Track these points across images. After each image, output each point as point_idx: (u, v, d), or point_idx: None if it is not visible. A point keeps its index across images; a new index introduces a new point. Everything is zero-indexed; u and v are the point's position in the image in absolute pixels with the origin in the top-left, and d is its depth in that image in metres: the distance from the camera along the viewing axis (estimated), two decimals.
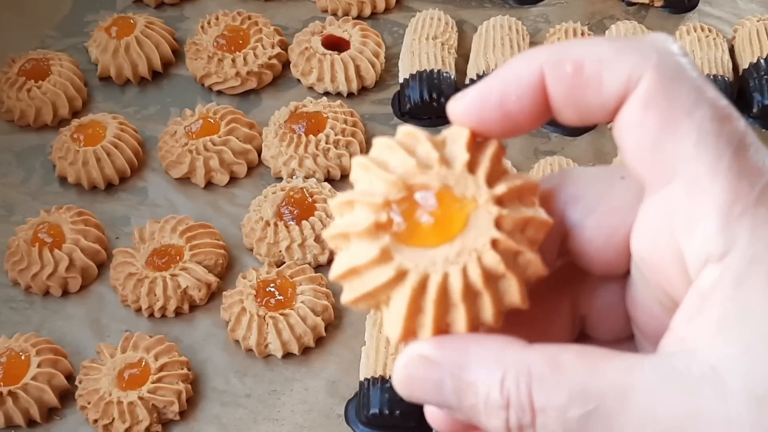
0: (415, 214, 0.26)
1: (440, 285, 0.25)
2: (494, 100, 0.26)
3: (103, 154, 0.76)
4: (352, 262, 0.26)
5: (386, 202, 0.26)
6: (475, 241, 0.26)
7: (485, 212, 0.26)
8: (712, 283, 0.24)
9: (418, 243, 0.26)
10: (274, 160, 0.76)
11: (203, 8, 0.88)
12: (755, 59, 0.79)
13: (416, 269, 0.26)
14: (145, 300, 0.68)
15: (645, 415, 0.23)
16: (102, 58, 0.83)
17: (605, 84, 0.25)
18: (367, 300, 0.26)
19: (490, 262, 0.26)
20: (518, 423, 0.24)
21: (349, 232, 0.26)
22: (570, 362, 0.24)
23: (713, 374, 0.23)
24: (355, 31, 0.83)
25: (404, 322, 0.26)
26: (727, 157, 0.24)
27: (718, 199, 0.24)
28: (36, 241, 0.70)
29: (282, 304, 0.67)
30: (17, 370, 0.65)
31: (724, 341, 0.23)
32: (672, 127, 0.24)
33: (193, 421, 0.65)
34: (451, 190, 0.26)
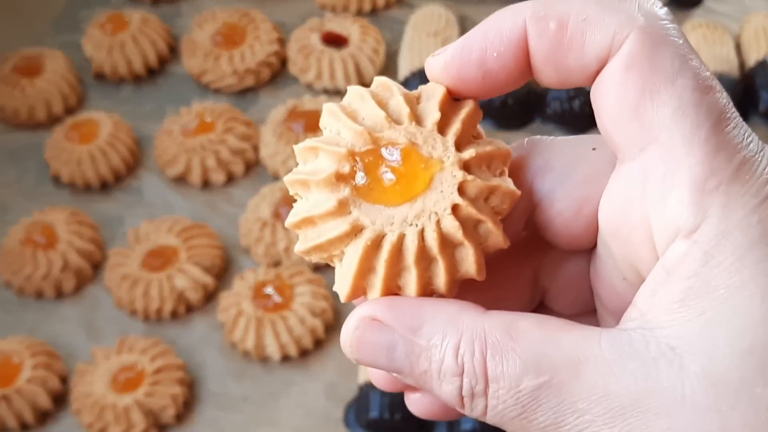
0: (378, 170, 0.25)
1: (394, 245, 0.25)
2: (474, 57, 0.26)
3: (98, 153, 0.75)
4: (308, 211, 0.25)
5: (350, 153, 0.25)
6: (435, 203, 0.25)
7: (450, 175, 0.25)
8: (679, 257, 0.23)
9: (378, 200, 0.25)
10: (271, 159, 0.75)
11: (200, 5, 0.88)
12: (762, 56, 0.78)
13: (372, 226, 0.25)
14: (141, 302, 0.68)
15: (597, 390, 0.23)
16: (97, 56, 0.82)
17: (588, 44, 0.24)
18: (319, 252, 0.26)
19: (449, 227, 0.25)
20: (471, 391, 0.24)
21: (309, 179, 0.26)
22: (527, 331, 0.24)
23: (671, 353, 0.22)
24: (354, 27, 0.82)
25: (354, 280, 0.25)
26: (705, 129, 0.23)
27: (693, 170, 0.23)
28: (29, 242, 0.70)
29: (280, 305, 0.66)
30: (10, 373, 0.64)
31: (685, 319, 0.23)
32: (652, 93, 0.24)
33: (190, 425, 0.64)
34: (418, 148, 0.25)
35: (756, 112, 0.78)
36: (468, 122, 0.26)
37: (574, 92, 0.77)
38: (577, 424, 0.23)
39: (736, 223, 0.23)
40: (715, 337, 0.22)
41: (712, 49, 0.79)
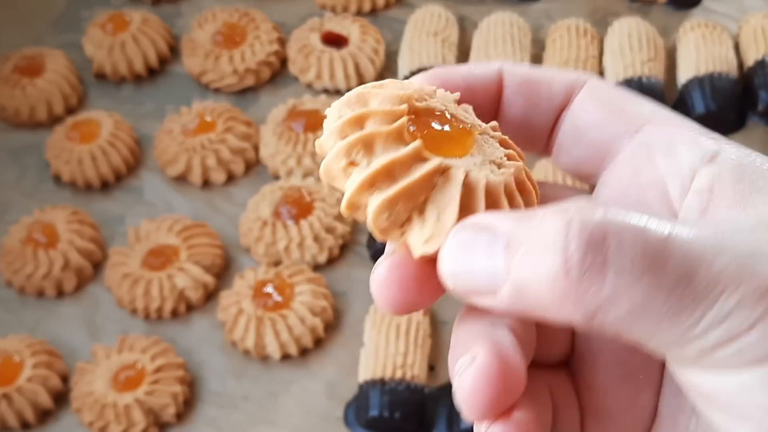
0: (428, 129, 0.25)
1: (487, 183, 0.24)
2: (462, 73, 0.28)
3: (99, 153, 0.75)
4: (386, 161, 0.24)
5: (409, 108, 0.25)
6: (492, 155, 0.25)
7: (488, 137, 0.26)
8: (714, 176, 0.24)
9: (443, 152, 0.25)
10: (271, 159, 0.76)
11: (200, 5, 0.88)
12: (760, 56, 0.78)
13: (458, 167, 0.24)
14: (141, 301, 0.68)
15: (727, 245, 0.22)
16: (97, 55, 0.82)
17: (554, 85, 0.28)
18: (404, 199, 0.24)
19: (515, 171, 0.25)
20: (587, 251, 0.22)
21: (375, 133, 0.24)
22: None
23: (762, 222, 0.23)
24: (354, 27, 0.82)
25: (458, 216, 0.24)
26: (682, 117, 0.26)
27: (692, 127, 0.26)
28: (30, 241, 0.70)
29: (280, 304, 0.66)
30: (11, 372, 0.64)
31: (754, 206, 0.23)
32: (627, 99, 0.27)
33: (190, 423, 0.64)
34: (454, 113, 0.26)
35: (755, 112, 0.78)
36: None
37: None
38: (707, 278, 0.22)
39: (748, 151, 0.25)
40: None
41: (710, 49, 0.79)
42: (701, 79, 0.77)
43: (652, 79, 0.77)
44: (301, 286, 0.67)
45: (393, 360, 0.62)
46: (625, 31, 0.80)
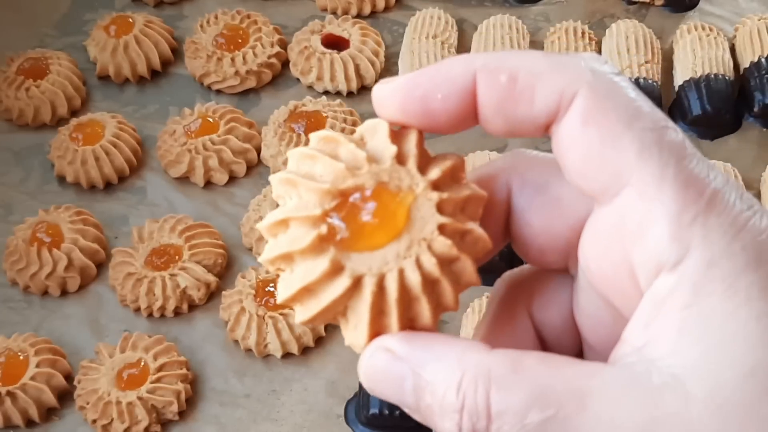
0: (356, 218, 0.25)
1: (399, 282, 0.25)
2: (419, 94, 0.26)
3: (102, 154, 0.75)
4: (302, 281, 0.25)
5: (324, 213, 0.25)
6: (422, 231, 0.25)
7: (425, 200, 0.26)
8: (669, 290, 0.24)
9: (366, 247, 0.25)
10: (273, 160, 0.76)
11: (202, 7, 0.88)
12: (756, 58, 0.79)
13: (370, 272, 0.25)
14: (144, 300, 0.68)
15: (604, 421, 0.23)
16: (101, 57, 0.82)
17: (538, 98, 0.25)
18: (324, 315, 0.26)
19: (442, 247, 0.25)
20: (472, 427, 0.24)
21: (292, 251, 0.25)
22: (531, 365, 0.24)
23: (674, 381, 0.23)
24: (354, 29, 0.83)
25: (369, 328, 0.25)
26: (672, 166, 0.24)
27: (667, 206, 0.24)
28: (34, 241, 0.70)
29: (281, 304, 0.66)
30: (16, 370, 0.65)
31: (685, 348, 0.23)
32: (613, 141, 0.24)
33: (192, 421, 0.64)
34: (386, 185, 0.26)
35: (750, 113, 0.79)
36: (420, 145, 0.27)
37: None
38: None
39: (720, 253, 0.23)
40: (716, 363, 0.23)
41: (707, 51, 0.79)
42: (698, 81, 0.77)
43: (649, 81, 0.78)
44: None
45: None
46: (623, 33, 0.81)
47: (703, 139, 0.78)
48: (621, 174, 0.24)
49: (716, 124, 0.78)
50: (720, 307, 0.23)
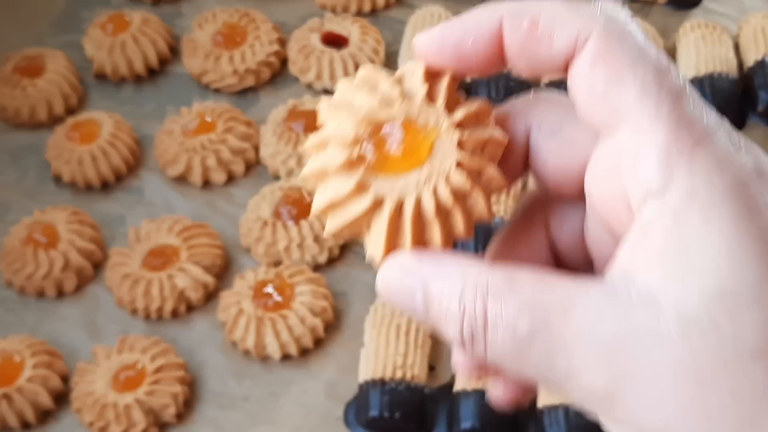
0: (384, 146, 0.29)
1: (414, 207, 0.29)
2: (452, 40, 0.30)
3: (99, 153, 0.75)
4: (331, 197, 0.29)
5: (357, 139, 0.29)
6: (441, 164, 0.29)
7: (447, 137, 0.29)
8: (653, 216, 0.27)
9: (391, 172, 0.29)
10: (272, 159, 0.76)
11: (200, 5, 0.88)
12: (760, 56, 0.79)
13: (391, 196, 0.29)
14: (141, 301, 0.68)
15: (585, 331, 0.26)
16: (98, 56, 0.82)
17: (556, 41, 0.28)
18: (350, 229, 0.29)
19: (458, 181, 0.29)
20: (471, 333, 0.28)
21: (326, 168, 0.29)
22: (525, 280, 0.27)
23: (650, 297, 0.26)
24: (354, 27, 0.83)
25: (386, 244, 0.29)
26: (666, 106, 0.27)
27: (658, 141, 0.27)
28: (30, 241, 0.70)
29: (280, 305, 0.67)
30: (11, 372, 0.64)
31: (663, 269, 0.26)
32: (617, 80, 0.27)
33: (190, 423, 0.64)
34: (414, 120, 0.29)
35: (755, 112, 0.78)
36: (451, 89, 0.30)
37: None
38: (567, 363, 0.27)
39: (700, 184, 0.26)
40: (687, 283, 0.26)
41: (710, 50, 0.79)
42: (701, 80, 0.77)
43: None
44: (301, 286, 0.67)
45: (393, 360, 0.62)
46: None
47: None
48: (621, 111, 0.27)
49: None
50: (696, 233, 0.26)
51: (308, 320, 0.66)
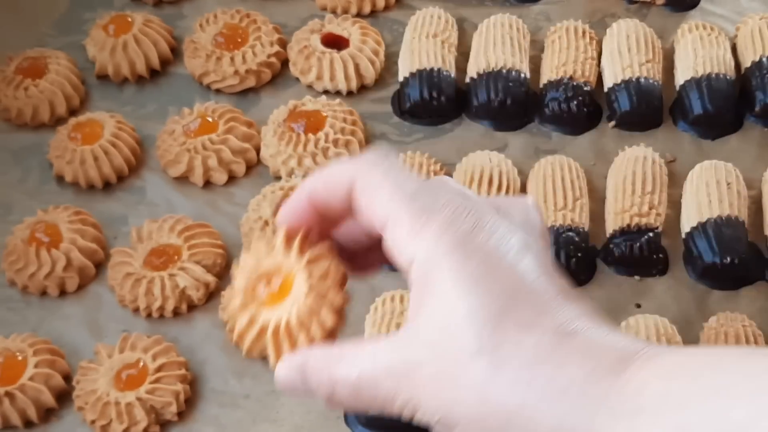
0: (265, 289, 0.44)
1: (285, 326, 0.42)
2: (301, 212, 0.45)
3: (101, 153, 0.75)
4: (237, 330, 0.44)
5: (246, 288, 0.44)
6: (298, 294, 0.43)
7: (300, 276, 0.43)
8: (412, 277, 0.41)
9: (270, 305, 0.43)
10: (272, 159, 0.76)
11: (202, 6, 0.88)
12: (757, 57, 0.79)
13: (270, 322, 0.43)
14: (143, 300, 0.68)
15: (383, 369, 0.41)
16: (99, 57, 0.82)
17: (373, 214, 0.43)
18: (254, 348, 0.44)
19: (305, 307, 0.42)
20: (330, 395, 0.42)
21: (233, 311, 0.44)
22: (347, 351, 0.42)
23: (414, 336, 0.41)
24: (354, 29, 0.83)
25: (275, 354, 0.43)
26: (405, 207, 0.41)
27: (404, 229, 0.41)
28: (33, 241, 0.70)
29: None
30: (14, 371, 0.65)
31: (417, 315, 0.41)
32: (376, 201, 0.42)
33: (192, 422, 0.64)
34: (280, 267, 0.44)
35: (752, 113, 0.79)
36: (303, 240, 0.43)
37: (572, 93, 0.77)
38: (384, 393, 0.41)
39: (432, 248, 0.40)
40: (431, 319, 0.40)
41: (708, 51, 0.79)
42: (699, 81, 0.77)
43: (650, 81, 0.78)
44: None
45: None
46: (624, 32, 0.81)
47: (704, 139, 0.78)
48: (383, 216, 0.42)
49: (717, 124, 0.78)
50: (432, 286, 0.40)
51: None
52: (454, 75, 0.80)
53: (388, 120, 0.80)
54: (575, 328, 0.41)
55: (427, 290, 0.41)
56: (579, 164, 0.75)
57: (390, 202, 0.42)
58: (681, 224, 0.72)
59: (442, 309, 0.40)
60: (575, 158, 0.75)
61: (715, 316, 0.67)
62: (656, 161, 0.73)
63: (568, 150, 0.77)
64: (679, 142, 0.78)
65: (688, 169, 0.75)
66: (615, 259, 0.70)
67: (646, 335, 0.64)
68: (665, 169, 0.74)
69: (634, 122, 0.78)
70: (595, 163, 0.77)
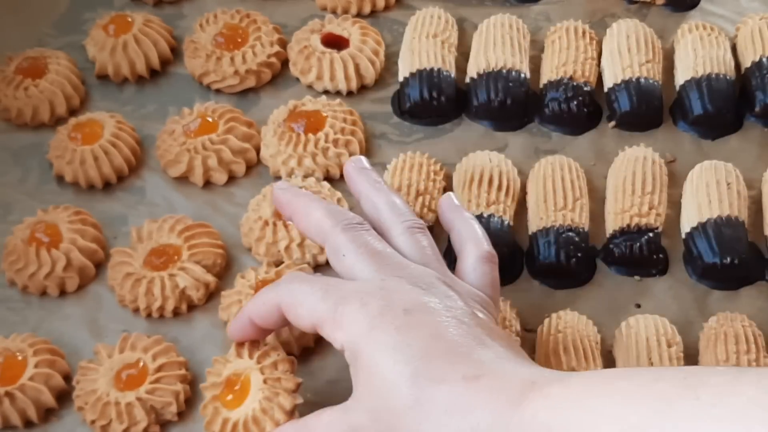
0: (228, 392, 0.60)
1: (253, 419, 0.59)
2: (247, 329, 0.61)
3: (101, 153, 0.75)
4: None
5: (216, 396, 0.61)
6: (256, 391, 0.59)
7: (255, 374, 0.60)
8: (347, 359, 0.55)
9: (235, 406, 0.60)
10: (272, 159, 0.76)
11: (202, 6, 0.88)
12: (757, 58, 0.79)
13: (236, 418, 0.59)
14: (143, 300, 0.68)
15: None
16: (99, 57, 0.82)
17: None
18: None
19: (264, 400, 0.59)
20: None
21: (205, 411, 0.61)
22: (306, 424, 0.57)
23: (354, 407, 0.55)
24: (354, 29, 0.83)
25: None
26: (320, 306, 0.56)
27: (327, 324, 0.56)
28: (33, 241, 0.70)
29: None
30: (14, 371, 0.65)
31: (356, 387, 0.54)
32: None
33: (192, 422, 0.64)
34: (232, 374, 0.61)
35: (752, 113, 0.79)
36: (251, 345, 0.61)
37: (572, 93, 0.77)
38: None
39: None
40: (366, 390, 0.53)
41: (708, 51, 0.79)
42: (699, 81, 0.77)
43: (650, 81, 0.78)
44: None
45: None
46: (624, 32, 0.81)
47: (704, 139, 0.78)
48: (314, 326, 0.57)
49: (717, 124, 0.78)
50: (362, 356, 0.53)
51: None
52: (454, 75, 0.80)
53: (388, 120, 0.80)
54: (484, 372, 0.48)
55: (359, 365, 0.53)
56: (579, 164, 0.75)
57: (310, 312, 0.54)
58: (681, 224, 0.72)
59: (371, 379, 0.52)
60: (575, 158, 0.75)
61: (715, 316, 0.67)
62: (656, 161, 0.73)
63: (568, 150, 0.77)
64: (679, 143, 0.78)
65: (688, 169, 0.75)
66: (615, 259, 0.71)
67: (646, 335, 0.64)
68: (665, 169, 0.74)
69: (634, 122, 0.78)
70: (595, 164, 0.77)
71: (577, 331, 0.64)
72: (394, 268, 0.55)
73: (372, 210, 0.63)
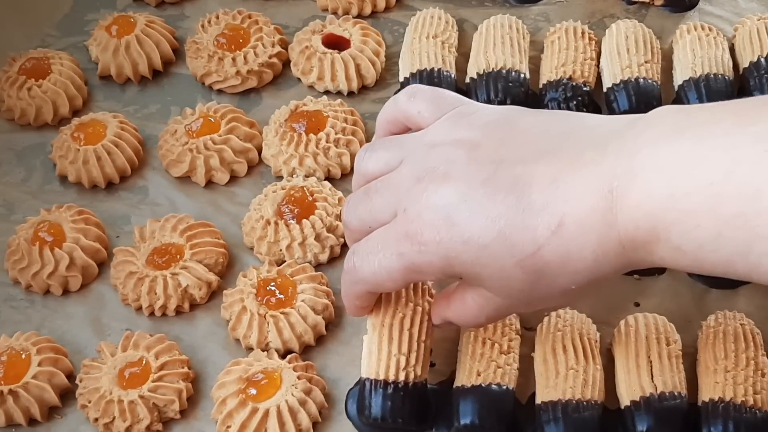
0: (256, 386, 0.62)
1: (287, 409, 0.61)
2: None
3: (104, 153, 0.76)
4: (239, 422, 0.62)
5: (239, 389, 0.63)
6: (287, 386, 0.62)
7: (287, 372, 0.63)
8: None
9: (265, 399, 0.62)
10: (274, 159, 0.76)
11: (204, 7, 0.88)
12: (755, 58, 0.79)
13: (270, 406, 0.62)
14: (146, 299, 0.69)
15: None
16: (102, 57, 0.83)
17: None
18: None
19: (297, 395, 0.62)
20: None
21: (231, 410, 0.62)
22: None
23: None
24: (355, 29, 0.83)
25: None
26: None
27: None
28: (36, 240, 0.71)
29: (282, 302, 0.67)
30: (18, 369, 0.65)
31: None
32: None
33: (194, 420, 0.65)
34: (267, 368, 0.63)
35: None
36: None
37: (571, 93, 0.78)
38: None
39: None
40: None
41: (706, 51, 0.79)
42: (697, 81, 0.78)
43: (649, 81, 0.78)
44: (303, 284, 0.68)
45: (396, 359, 0.62)
46: (623, 33, 0.81)
47: None
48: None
49: None
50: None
51: (310, 318, 0.67)
52: (454, 75, 0.80)
53: None
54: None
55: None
56: None
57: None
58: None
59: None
60: None
61: (714, 314, 0.67)
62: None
63: None
64: None
65: None
66: None
67: (645, 334, 0.64)
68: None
69: None
70: None
71: (577, 330, 0.65)
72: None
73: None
